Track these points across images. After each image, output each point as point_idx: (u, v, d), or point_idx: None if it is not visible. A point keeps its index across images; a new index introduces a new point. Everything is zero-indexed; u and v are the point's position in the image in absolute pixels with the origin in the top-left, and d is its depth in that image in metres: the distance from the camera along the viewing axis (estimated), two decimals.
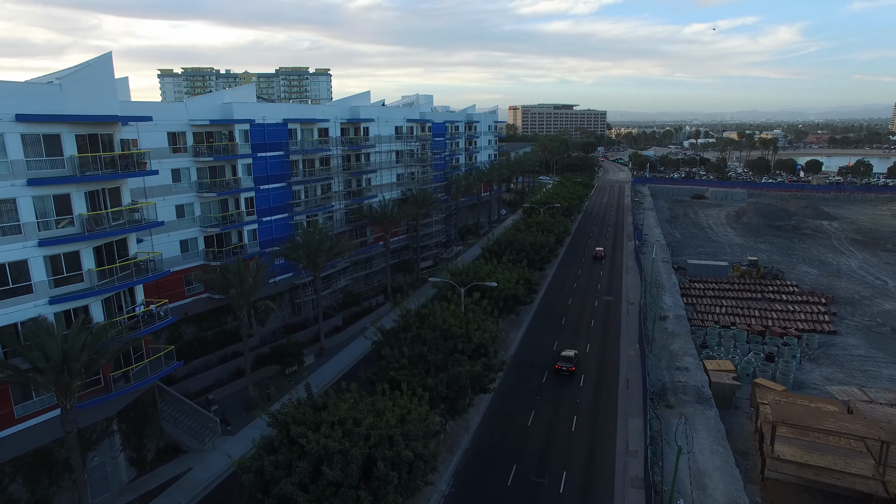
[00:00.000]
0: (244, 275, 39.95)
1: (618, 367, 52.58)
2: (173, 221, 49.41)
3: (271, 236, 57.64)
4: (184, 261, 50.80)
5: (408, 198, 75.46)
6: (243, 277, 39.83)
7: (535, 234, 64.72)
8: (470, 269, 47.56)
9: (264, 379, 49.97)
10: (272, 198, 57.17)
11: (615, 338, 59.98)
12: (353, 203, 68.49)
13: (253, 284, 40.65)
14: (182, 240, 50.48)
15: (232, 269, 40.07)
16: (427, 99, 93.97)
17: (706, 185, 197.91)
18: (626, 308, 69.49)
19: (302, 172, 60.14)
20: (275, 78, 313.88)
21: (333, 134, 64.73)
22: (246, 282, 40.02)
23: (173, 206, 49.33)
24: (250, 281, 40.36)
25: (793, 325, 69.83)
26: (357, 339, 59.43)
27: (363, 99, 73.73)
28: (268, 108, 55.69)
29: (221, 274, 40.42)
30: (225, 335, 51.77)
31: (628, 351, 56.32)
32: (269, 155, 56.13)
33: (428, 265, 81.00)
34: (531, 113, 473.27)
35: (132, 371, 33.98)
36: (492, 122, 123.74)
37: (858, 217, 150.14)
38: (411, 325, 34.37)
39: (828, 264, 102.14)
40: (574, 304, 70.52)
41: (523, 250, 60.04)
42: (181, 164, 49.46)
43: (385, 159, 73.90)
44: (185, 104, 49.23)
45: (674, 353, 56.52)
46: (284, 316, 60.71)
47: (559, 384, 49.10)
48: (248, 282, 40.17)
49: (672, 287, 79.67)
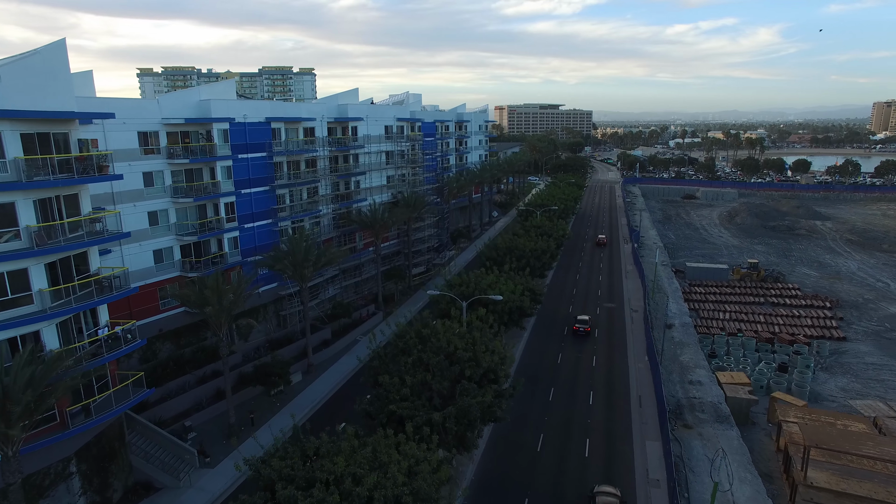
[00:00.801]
0: (223, 289, 35.84)
1: (628, 382, 49.29)
2: (145, 230, 45.09)
3: (254, 244, 53.47)
4: (158, 272, 46.50)
5: (399, 201, 71.63)
6: (222, 292, 35.74)
7: (534, 239, 61.26)
8: (471, 280, 43.92)
9: (248, 401, 45.84)
10: (254, 202, 53.01)
11: (621, 349, 56.73)
12: (342, 207, 64.49)
13: (233, 300, 36.56)
14: (156, 249, 46.16)
15: (210, 284, 35.94)
16: (416, 98, 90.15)
17: (696, 185, 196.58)
18: (629, 316, 66.35)
19: (286, 175, 56.02)
20: (258, 77, 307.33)
21: (320, 134, 60.68)
22: (225, 297, 35.93)
23: (145, 213, 44.99)
24: (230, 296, 36.26)
25: (801, 332, 67.32)
26: (347, 354, 55.48)
27: (351, 97, 69.74)
28: (249, 106, 51.55)
29: (198, 289, 36.24)
30: (204, 353, 47.53)
31: (637, 363, 53.09)
32: (250, 156, 51.95)
33: (420, 271, 77.24)
34: (517, 113, 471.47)
35: (94, 403, 29.77)
36: (482, 121, 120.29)
37: (850, 217, 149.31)
38: (412, 348, 30.59)
39: (826, 266, 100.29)
40: (576, 311, 67.17)
41: (524, 256, 56.53)
42: (154, 166, 45.15)
43: (375, 160, 69.97)
44: (158, 101, 44.94)
45: (684, 365, 53.40)
46: (269, 329, 56.53)
47: (568, 401, 45.65)
48: (228, 297, 36.08)
49: (675, 292, 76.80)
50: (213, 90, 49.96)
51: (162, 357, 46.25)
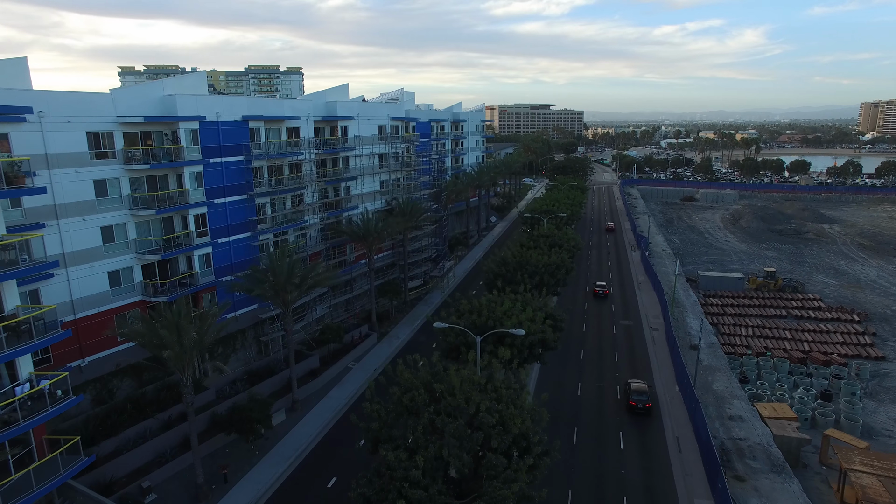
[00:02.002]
0: (185, 327, 29.01)
1: (660, 420, 43.12)
2: (98, 248, 38.12)
3: (230, 261, 46.59)
4: (114, 298, 39.55)
5: (394, 208, 64.98)
6: (183, 331, 28.92)
7: (546, 251, 54.88)
8: (483, 307, 37.46)
9: (221, 449, 38.98)
10: (230, 214, 46.12)
11: (646, 376, 50.55)
12: (331, 216, 57.71)
13: (198, 339, 29.75)
14: (111, 271, 39.20)
15: (168, 322, 29.09)
16: (409, 96, 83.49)
17: (695, 186, 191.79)
18: (649, 335, 60.24)
19: (267, 182, 49.17)
20: (244, 76, 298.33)
21: (306, 134, 53.86)
22: (188, 336, 29.11)
23: (97, 228, 38.01)
24: (194, 335, 29.45)
25: (834, 351, 61.69)
26: (339, 385, 48.77)
27: (341, 93, 62.96)
28: (223, 103, 44.66)
29: (152, 328, 29.36)
30: (169, 391, 40.60)
31: (667, 394, 46.96)
32: (224, 161, 45.06)
33: (416, 285, 70.65)
34: (508, 113, 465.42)
35: (7, 485, 22.91)
36: (479, 121, 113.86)
37: (856, 219, 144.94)
38: (421, 409, 24.05)
39: (843, 273, 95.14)
40: (589, 330, 61.01)
41: (537, 273, 50.13)
42: (108, 173, 38.18)
43: (367, 164, 63.24)
44: (112, 95, 37.94)
45: (719, 395, 47.33)
46: (248, 357, 49.66)
47: (595, 446, 39.34)
48: (191, 336, 29.27)
49: (693, 306, 70.90)
50: (179, 84, 42.99)
51: (119, 398, 39.27)
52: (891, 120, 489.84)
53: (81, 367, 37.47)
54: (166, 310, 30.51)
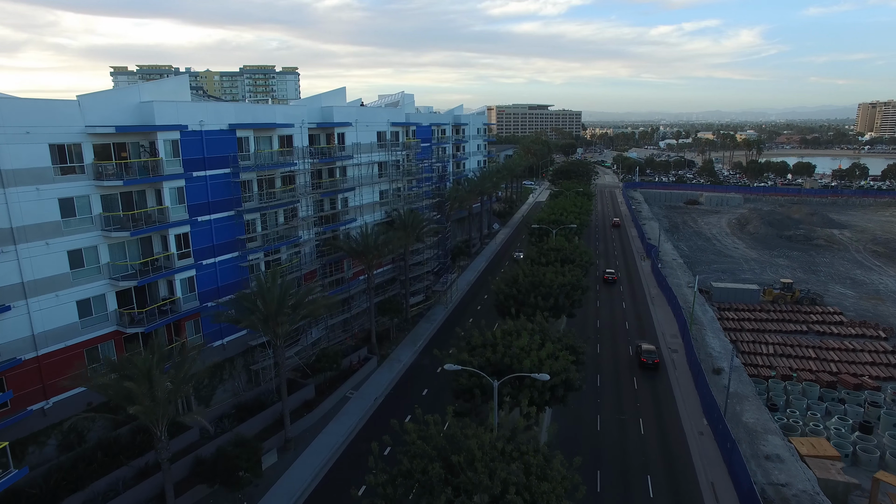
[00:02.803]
0: (158, 379, 24.80)
1: (689, 459, 39.14)
2: (64, 275, 33.90)
3: (216, 284, 42.38)
4: (84, 329, 35.35)
5: (394, 220, 60.83)
6: (155, 382, 24.71)
7: (559, 269, 50.83)
8: (497, 341, 33.37)
9: (204, 500, 34.80)
10: (216, 232, 41.90)
11: (670, 408, 46.60)
12: (327, 231, 53.53)
13: (173, 389, 25.56)
14: (81, 300, 34.98)
15: (139, 367, 24.89)
16: (408, 98, 79.30)
17: (699, 189, 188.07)
18: (669, 357, 56.26)
19: (257, 196, 44.98)
20: (239, 77, 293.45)
21: (299, 143, 49.66)
22: (160, 388, 24.91)
23: (64, 252, 33.78)
24: (168, 385, 25.25)
25: (864, 372, 57.89)
26: (336, 418, 44.62)
27: (337, 97, 58.75)
28: (207, 110, 40.40)
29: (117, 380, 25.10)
30: (146, 434, 36.29)
31: (695, 430, 42.99)
32: (209, 174, 40.83)
33: (418, 301, 66.52)
34: (506, 113, 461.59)
35: None
36: (481, 124, 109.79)
37: (866, 224, 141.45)
38: (436, 486, 19.96)
39: (860, 283, 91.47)
40: (604, 353, 56.99)
41: (551, 294, 46.08)
42: (75, 190, 33.96)
43: (366, 173, 59.06)
44: (79, 102, 33.69)
45: (751, 429, 43.39)
46: (237, 388, 45.46)
47: (622, 492, 35.32)
48: (164, 387, 25.07)
49: (711, 322, 67.01)
50: (158, 89, 38.74)
51: (90, 443, 35.02)
52: (889, 121, 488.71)
53: (45, 409, 33.25)
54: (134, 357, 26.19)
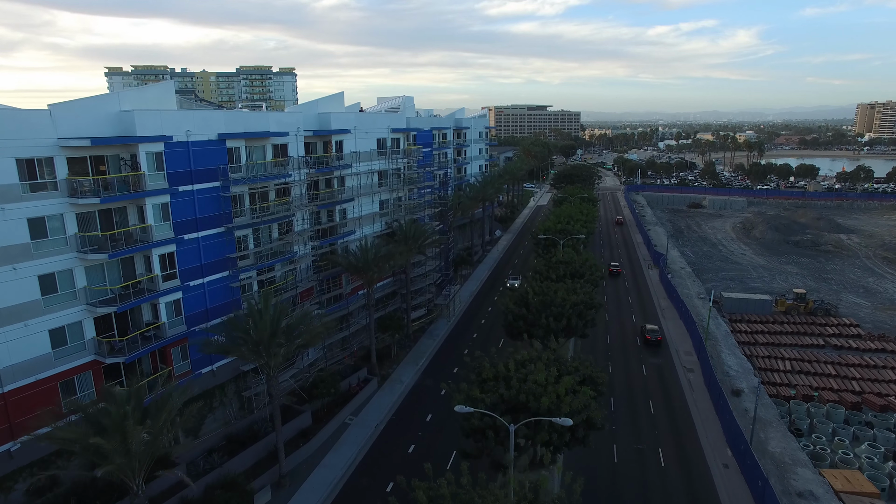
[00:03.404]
0: (132, 431, 21.75)
1: (716, 498, 36.23)
2: (35, 302, 30.86)
3: (204, 306, 39.34)
4: (58, 361, 32.34)
5: (395, 231, 57.84)
6: (130, 433, 21.67)
7: (570, 285, 47.91)
8: (511, 373, 30.40)
9: None
10: (204, 251, 38.85)
11: (691, 435, 43.70)
12: (324, 244, 50.52)
13: (151, 440, 22.52)
14: (54, 329, 31.93)
15: (112, 423, 21.84)
16: (408, 101, 76.31)
17: (701, 192, 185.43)
18: (684, 377, 53.39)
19: (249, 210, 41.93)
20: (235, 77, 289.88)
21: (295, 152, 46.62)
22: (135, 439, 21.87)
23: (35, 277, 30.73)
24: (144, 436, 22.21)
25: (889, 391, 55.11)
26: (335, 448, 41.59)
27: (335, 103, 55.72)
28: (194, 119, 37.33)
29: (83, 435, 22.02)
30: None
31: (718, 461, 40.10)
32: (197, 188, 37.78)
33: (420, 315, 63.50)
34: (504, 114, 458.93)
35: None
36: (482, 127, 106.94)
37: (874, 229, 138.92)
38: None
39: (874, 292, 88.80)
40: (616, 370, 54.10)
41: (563, 314, 43.15)
42: (47, 208, 30.91)
43: (365, 183, 56.05)
44: (51, 112, 30.62)
45: (778, 460, 40.53)
46: (228, 416, 42.41)
47: None
48: (140, 439, 22.02)
49: (725, 337, 64.19)
50: (140, 97, 35.70)
51: (64, 487, 31.93)
52: (888, 121, 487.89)
53: (11, 451, 30.17)
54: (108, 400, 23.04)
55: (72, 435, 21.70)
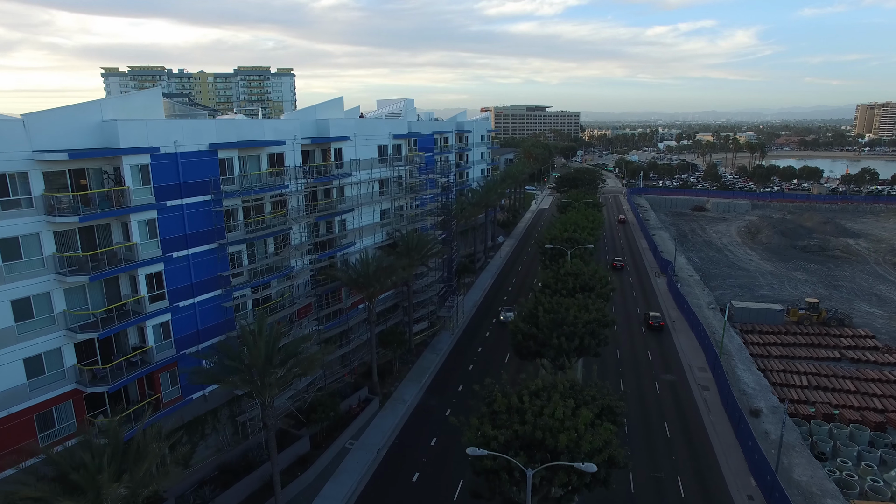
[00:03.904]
0: (108, 489, 19.28)
1: None
2: (8, 329, 28.38)
3: (195, 328, 36.85)
4: (33, 392, 29.84)
5: (397, 242, 55.42)
6: (103, 491, 19.20)
7: (581, 301, 45.50)
8: (526, 408, 27.97)
9: None
10: (194, 269, 36.36)
11: (710, 462, 41.31)
12: (323, 258, 48.05)
13: (129, 495, 20.05)
14: (30, 357, 29.43)
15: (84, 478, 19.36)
16: (409, 104, 73.80)
17: (704, 195, 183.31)
18: (699, 396, 51.01)
19: (242, 224, 39.43)
20: (233, 78, 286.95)
21: (292, 161, 44.17)
22: (110, 497, 19.40)
23: (7, 302, 28.25)
24: (121, 492, 19.74)
25: None
26: (334, 476, 39.15)
27: (334, 108, 53.26)
28: (183, 128, 34.84)
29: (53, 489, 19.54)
30: None
31: (743, 492, 37.72)
32: (186, 203, 35.29)
33: (422, 329, 61.09)
34: (503, 115, 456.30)
35: None
36: (484, 131, 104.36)
37: (881, 233, 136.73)
38: None
39: (887, 300, 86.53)
40: (629, 388, 51.75)
41: (576, 334, 40.77)
42: (21, 228, 28.41)
43: (365, 192, 53.59)
44: (25, 123, 28.12)
45: (805, 490, 38.17)
46: (221, 442, 39.93)
47: None
48: (116, 496, 19.54)
49: (739, 351, 61.83)
50: (125, 105, 33.20)
51: None
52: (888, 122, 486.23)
53: None
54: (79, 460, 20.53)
55: (37, 493, 19.23)
